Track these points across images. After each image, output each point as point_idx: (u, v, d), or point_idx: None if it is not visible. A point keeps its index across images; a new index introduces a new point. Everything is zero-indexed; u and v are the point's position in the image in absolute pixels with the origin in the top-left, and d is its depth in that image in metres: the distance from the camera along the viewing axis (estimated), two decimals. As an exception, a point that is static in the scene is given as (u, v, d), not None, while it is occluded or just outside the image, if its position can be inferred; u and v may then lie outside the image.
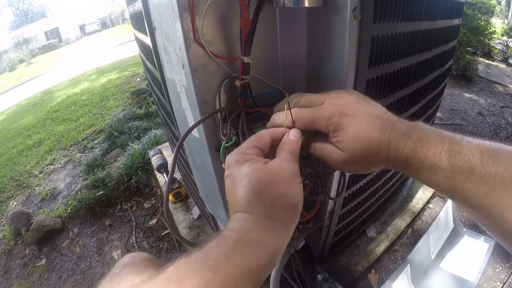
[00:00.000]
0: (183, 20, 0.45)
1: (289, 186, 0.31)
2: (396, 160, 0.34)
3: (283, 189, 0.30)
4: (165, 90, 0.71)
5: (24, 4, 29.85)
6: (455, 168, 0.30)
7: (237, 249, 0.25)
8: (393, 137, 0.34)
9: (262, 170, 0.31)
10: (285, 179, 0.31)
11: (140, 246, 1.71)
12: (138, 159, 2.21)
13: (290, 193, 0.31)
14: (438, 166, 0.31)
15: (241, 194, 0.30)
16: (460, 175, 0.29)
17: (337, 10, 0.48)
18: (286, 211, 0.30)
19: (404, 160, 0.34)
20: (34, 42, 25.42)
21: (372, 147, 0.34)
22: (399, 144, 0.34)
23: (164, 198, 0.43)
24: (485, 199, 0.28)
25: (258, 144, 0.35)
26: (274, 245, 0.28)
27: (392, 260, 1.28)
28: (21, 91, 9.30)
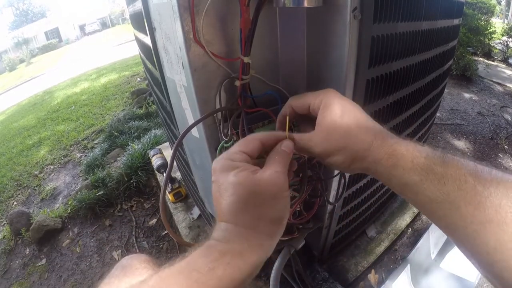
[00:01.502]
0: (183, 20, 0.45)
1: (276, 199, 0.30)
2: (383, 153, 0.32)
3: (270, 202, 0.30)
4: (165, 90, 0.71)
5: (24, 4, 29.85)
6: (448, 174, 0.28)
7: (221, 261, 0.25)
8: (383, 130, 0.34)
9: (249, 181, 0.29)
10: (273, 192, 0.30)
11: (140, 246, 1.71)
12: (138, 159, 2.20)
13: (277, 206, 0.30)
14: (430, 168, 0.29)
15: (226, 204, 0.29)
16: (453, 182, 0.28)
17: (337, 10, 0.48)
18: (272, 224, 0.30)
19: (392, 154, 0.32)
20: (34, 42, 25.42)
21: (353, 129, 0.34)
22: (389, 137, 0.33)
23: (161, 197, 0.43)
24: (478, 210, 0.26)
25: (246, 150, 0.33)
26: (257, 257, 0.28)
27: (392, 260, 1.28)
28: (21, 91, 9.30)
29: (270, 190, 0.30)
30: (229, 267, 0.25)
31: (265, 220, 0.29)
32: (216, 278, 0.24)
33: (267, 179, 0.30)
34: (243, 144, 0.34)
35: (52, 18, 28.63)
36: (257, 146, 0.34)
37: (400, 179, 0.31)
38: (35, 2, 30.85)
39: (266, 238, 0.29)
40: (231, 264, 0.25)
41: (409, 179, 0.30)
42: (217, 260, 0.25)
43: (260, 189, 0.29)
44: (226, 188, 0.30)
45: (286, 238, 0.75)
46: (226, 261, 0.25)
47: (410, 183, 0.30)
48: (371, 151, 0.33)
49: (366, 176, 0.91)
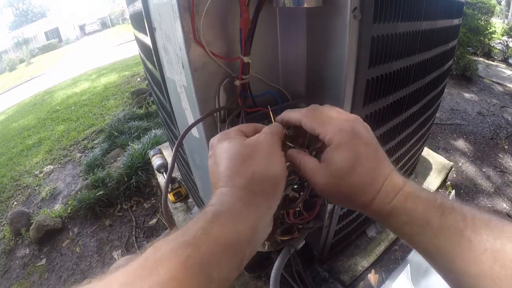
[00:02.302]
0: (183, 20, 0.45)
1: (269, 158, 0.31)
2: (381, 209, 0.32)
3: (263, 161, 0.30)
4: (165, 90, 0.72)
5: (24, 4, 29.86)
6: (444, 228, 0.27)
7: (215, 223, 0.24)
8: (386, 185, 0.32)
9: (241, 144, 0.31)
10: (265, 152, 0.31)
11: (140, 246, 1.71)
12: (138, 159, 2.21)
13: (270, 165, 0.30)
14: (427, 222, 0.28)
15: (222, 169, 0.30)
16: (449, 236, 0.27)
17: (337, 10, 0.48)
18: (266, 183, 0.30)
19: (389, 211, 0.31)
20: (34, 42, 25.43)
21: (360, 184, 0.32)
22: (390, 194, 0.31)
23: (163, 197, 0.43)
24: (472, 265, 0.25)
25: (242, 129, 0.35)
26: (253, 218, 0.27)
27: (392, 260, 1.28)
28: (21, 91, 9.30)
29: (261, 150, 0.31)
30: (224, 228, 0.24)
31: (258, 180, 0.29)
32: (210, 240, 0.23)
33: (257, 140, 0.32)
34: (240, 125, 0.36)
35: (52, 18, 28.63)
36: (252, 128, 0.36)
37: (396, 229, 0.32)
38: (35, 2, 30.87)
39: (263, 198, 0.29)
40: (225, 225, 0.24)
41: (405, 231, 0.31)
42: (211, 222, 0.24)
43: (251, 150, 0.30)
44: (220, 155, 0.31)
45: (286, 238, 0.75)
46: (220, 222, 0.25)
47: (406, 233, 0.30)
48: (371, 206, 0.32)
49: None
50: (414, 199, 0.30)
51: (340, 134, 0.32)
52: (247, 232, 0.26)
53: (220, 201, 0.27)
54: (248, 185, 0.29)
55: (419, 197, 0.30)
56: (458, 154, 2.12)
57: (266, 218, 0.29)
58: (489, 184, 1.77)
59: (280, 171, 0.31)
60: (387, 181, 0.32)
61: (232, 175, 0.29)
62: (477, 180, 1.80)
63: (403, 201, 0.31)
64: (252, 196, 0.28)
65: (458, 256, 0.26)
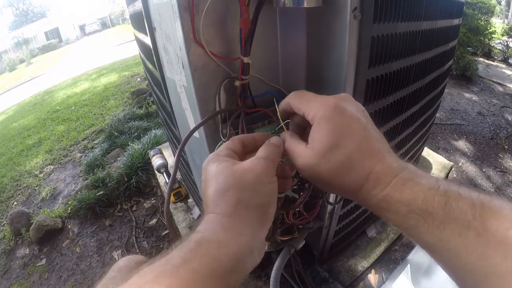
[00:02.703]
0: (183, 20, 0.45)
1: (257, 185, 0.29)
2: (373, 197, 0.29)
3: (250, 188, 0.28)
4: (165, 90, 0.71)
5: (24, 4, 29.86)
6: (449, 218, 0.25)
7: (197, 252, 0.24)
8: (378, 169, 0.29)
9: (229, 169, 0.29)
10: (253, 178, 0.29)
11: (140, 246, 1.71)
12: (138, 159, 2.21)
13: (258, 193, 0.29)
14: (429, 212, 0.25)
15: (209, 195, 0.29)
16: (454, 227, 0.24)
17: (337, 10, 0.48)
18: (252, 212, 0.28)
19: (383, 199, 0.28)
20: (34, 42, 25.43)
21: (344, 166, 0.29)
22: (383, 179, 0.28)
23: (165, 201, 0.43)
24: (480, 260, 0.23)
25: (231, 146, 0.34)
26: (236, 247, 0.26)
27: (392, 260, 1.28)
28: (21, 91, 9.30)
29: (249, 177, 0.29)
30: (205, 258, 0.24)
31: (245, 207, 0.28)
32: (191, 270, 0.22)
33: (246, 166, 0.30)
34: (229, 142, 0.34)
35: (52, 18, 28.63)
36: (238, 144, 0.34)
37: (394, 222, 0.28)
38: (35, 2, 30.88)
39: (247, 226, 0.28)
40: (206, 255, 0.24)
41: (403, 223, 0.27)
42: (193, 251, 0.24)
43: (239, 175, 0.29)
44: (209, 180, 0.30)
45: (286, 238, 0.75)
46: (201, 251, 0.24)
47: (404, 226, 0.28)
48: (360, 193, 0.29)
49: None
50: (413, 187, 0.27)
51: (322, 108, 0.31)
52: (230, 260, 0.25)
53: (205, 228, 0.27)
54: (232, 213, 0.27)
55: (419, 185, 0.27)
56: (458, 154, 2.12)
57: (252, 245, 0.27)
58: (489, 184, 1.77)
59: (268, 200, 0.29)
60: (379, 165, 0.29)
61: (217, 202, 0.28)
62: (477, 180, 1.80)
63: (400, 189, 0.27)
64: (235, 224, 0.27)
65: (464, 251, 0.23)
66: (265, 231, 0.29)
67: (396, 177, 0.28)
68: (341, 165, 0.29)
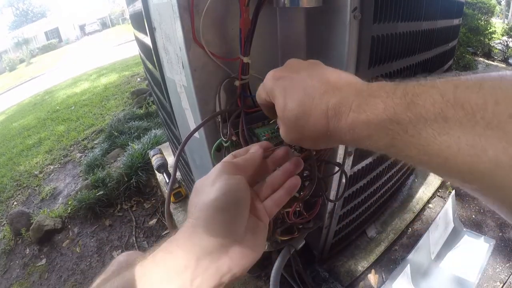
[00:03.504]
0: (183, 20, 0.45)
1: (211, 185, 0.31)
2: (343, 129, 0.27)
3: (206, 188, 0.31)
4: (165, 90, 0.71)
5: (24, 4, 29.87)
6: (418, 118, 0.21)
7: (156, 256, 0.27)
8: (335, 102, 0.27)
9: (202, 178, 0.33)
10: (211, 180, 0.31)
11: (140, 246, 1.71)
12: (138, 159, 2.21)
13: (210, 190, 0.30)
14: (394, 120, 0.22)
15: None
16: (428, 127, 0.20)
17: (337, 10, 0.48)
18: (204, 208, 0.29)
19: (352, 128, 0.26)
20: (34, 42, 25.43)
21: (303, 117, 0.30)
22: (343, 109, 0.27)
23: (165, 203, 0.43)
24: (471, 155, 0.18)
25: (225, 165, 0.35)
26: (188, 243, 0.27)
27: (392, 260, 1.28)
28: (21, 91, 9.30)
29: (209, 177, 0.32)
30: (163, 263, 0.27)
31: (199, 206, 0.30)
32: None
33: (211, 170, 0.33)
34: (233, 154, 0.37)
35: (52, 18, 28.63)
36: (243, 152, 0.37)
37: (375, 147, 0.26)
38: (35, 2, 30.87)
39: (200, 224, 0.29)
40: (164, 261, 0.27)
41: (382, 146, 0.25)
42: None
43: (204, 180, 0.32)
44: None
45: (286, 238, 0.75)
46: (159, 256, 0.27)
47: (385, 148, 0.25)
48: (333, 132, 0.28)
49: (366, 176, 0.91)
50: (372, 103, 0.24)
51: (265, 85, 0.34)
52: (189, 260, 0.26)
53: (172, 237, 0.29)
54: (192, 213, 0.29)
55: (377, 97, 0.24)
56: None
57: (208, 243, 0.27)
58: (489, 184, 1.77)
59: (217, 193, 0.29)
60: (334, 99, 0.28)
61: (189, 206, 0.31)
62: (477, 180, 1.81)
63: (361, 110, 0.25)
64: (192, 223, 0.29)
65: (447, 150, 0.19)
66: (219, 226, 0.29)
67: (354, 101, 0.26)
68: (298, 117, 0.30)
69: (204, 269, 0.26)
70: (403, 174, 1.31)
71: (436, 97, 0.20)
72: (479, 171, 0.18)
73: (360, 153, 0.77)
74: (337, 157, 0.68)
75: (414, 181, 1.59)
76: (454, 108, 0.19)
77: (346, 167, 0.74)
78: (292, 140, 0.34)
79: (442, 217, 1.33)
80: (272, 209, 0.35)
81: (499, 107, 0.17)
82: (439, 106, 0.20)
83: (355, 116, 0.26)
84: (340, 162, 0.68)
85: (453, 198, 1.42)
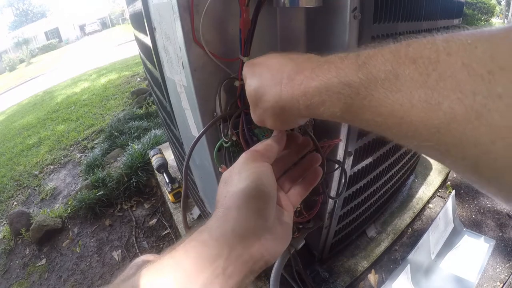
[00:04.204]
0: (183, 20, 0.45)
1: (240, 174, 0.31)
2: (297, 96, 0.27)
3: (234, 178, 0.31)
4: (165, 90, 0.71)
5: (24, 4, 29.87)
6: (369, 78, 0.20)
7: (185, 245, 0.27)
8: (289, 71, 0.28)
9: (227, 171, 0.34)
10: (237, 170, 0.32)
11: (140, 246, 1.71)
12: (138, 159, 2.21)
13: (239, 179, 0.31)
14: (345, 83, 0.22)
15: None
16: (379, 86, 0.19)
17: (337, 10, 0.48)
18: (235, 197, 0.30)
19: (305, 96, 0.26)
20: (34, 42, 25.43)
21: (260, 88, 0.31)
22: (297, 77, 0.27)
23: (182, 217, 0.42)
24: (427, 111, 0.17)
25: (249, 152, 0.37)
26: (220, 231, 0.27)
27: (392, 260, 1.28)
28: (21, 91, 9.31)
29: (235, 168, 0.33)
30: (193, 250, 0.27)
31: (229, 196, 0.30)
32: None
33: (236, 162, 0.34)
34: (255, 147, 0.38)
35: (52, 18, 28.63)
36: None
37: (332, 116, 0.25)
38: (35, 2, 30.87)
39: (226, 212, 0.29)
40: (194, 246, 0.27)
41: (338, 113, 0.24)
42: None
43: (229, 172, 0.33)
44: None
45: (286, 238, 0.75)
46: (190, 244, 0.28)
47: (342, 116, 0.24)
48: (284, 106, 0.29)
49: (366, 176, 0.91)
50: (324, 68, 0.24)
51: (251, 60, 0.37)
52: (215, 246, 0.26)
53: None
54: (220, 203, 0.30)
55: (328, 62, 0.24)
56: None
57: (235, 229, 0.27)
58: (489, 184, 1.77)
59: (246, 184, 0.29)
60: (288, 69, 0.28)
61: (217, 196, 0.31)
62: (477, 180, 1.81)
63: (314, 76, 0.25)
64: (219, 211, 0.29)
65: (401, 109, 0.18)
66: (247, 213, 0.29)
67: (309, 69, 0.26)
68: (256, 90, 0.32)
69: (237, 257, 0.26)
70: (403, 174, 1.31)
71: (388, 56, 0.20)
72: (434, 127, 0.17)
73: (360, 153, 0.77)
74: (337, 156, 0.68)
75: (414, 181, 1.59)
76: (406, 64, 0.18)
77: (346, 167, 0.74)
78: (258, 118, 0.35)
79: (442, 217, 1.33)
80: (296, 199, 0.36)
81: (451, 57, 0.16)
82: (390, 64, 0.19)
83: (308, 82, 0.26)
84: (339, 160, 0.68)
85: (453, 198, 1.42)
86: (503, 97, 0.14)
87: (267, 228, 0.29)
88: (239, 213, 0.28)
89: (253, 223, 0.28)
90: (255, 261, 0.27)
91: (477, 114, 0.15)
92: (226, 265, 0.25)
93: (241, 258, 0.26)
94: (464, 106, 0.15)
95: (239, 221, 0.27)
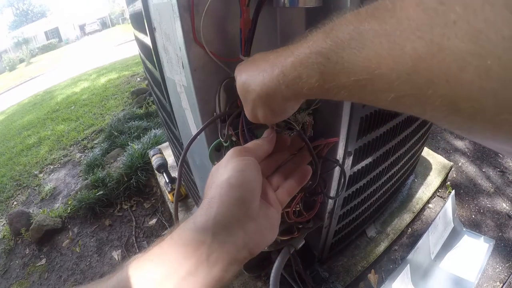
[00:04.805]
0: (183, 20, 0.45)
1: (224, 167, 0.33)
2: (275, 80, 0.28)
3: (220, 171, 0.33)
4: (165, 90, 0.71)
5: (24, 4, 29.86)
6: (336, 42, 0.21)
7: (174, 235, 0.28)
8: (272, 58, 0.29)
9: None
10: (223, 163, 0.34)
11: (140, 246, 1.71)
12: (138, 159, 2.21)
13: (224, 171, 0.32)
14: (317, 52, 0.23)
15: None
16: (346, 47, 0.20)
17: (337, 10, 0.48)
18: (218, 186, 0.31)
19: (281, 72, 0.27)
20: (34, 42, 25.43)
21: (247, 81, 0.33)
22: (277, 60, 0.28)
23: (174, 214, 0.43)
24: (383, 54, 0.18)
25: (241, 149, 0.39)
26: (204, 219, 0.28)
27: (392, 260, 1.28)
28: (21, 90, 9.31)
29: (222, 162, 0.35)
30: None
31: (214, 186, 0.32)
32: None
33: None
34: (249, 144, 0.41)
35: (52, 18, 28.62)
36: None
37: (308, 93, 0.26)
38: (35, 2, 30.86)
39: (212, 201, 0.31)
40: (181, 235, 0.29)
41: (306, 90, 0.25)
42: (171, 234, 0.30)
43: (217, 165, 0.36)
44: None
45: (286, 238, 0.75)
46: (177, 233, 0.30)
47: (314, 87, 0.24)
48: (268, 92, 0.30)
49: (366, 176, 0.91)
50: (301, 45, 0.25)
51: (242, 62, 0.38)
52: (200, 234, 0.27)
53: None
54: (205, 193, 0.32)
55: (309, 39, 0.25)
56: (458, 154, 2.12)
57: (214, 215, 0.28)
58: (489, 184, 1.77)
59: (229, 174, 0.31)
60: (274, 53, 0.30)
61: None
62: (477, 180, 1.80)
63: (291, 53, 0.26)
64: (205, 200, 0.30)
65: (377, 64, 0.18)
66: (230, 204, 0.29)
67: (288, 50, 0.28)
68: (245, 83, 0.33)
69: (220, 244, 0.27)
70: (403, 174, 1.31)
71: (350, 18, 0.21)
72: (404, 72, 0.17)
73: (360, 153, 0.77)
74: (337, 156, 0.68)
75: (414, 181, 1.59)
76: (367, 20, 0.19)
77: (346, 167, 0.74)
78: (250, 114, 0.35)
79: (441, 217, 1.33)
80: (283, 197, 0.37)
81: (405, 1, 0.17)
82: (352, 24, 0.20)
83: (285, 61, 0.27)
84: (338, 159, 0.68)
85: (453, 198, 1.42)
86: (457, 22, 0.14)
87: (250, 217, 0.30)
88: (221, 201, 0.29)
89: (236, 211, 0.29)
90: (239, 249, 0.28)
91: (439, 47, 0.15)
92: (210, 252, 0.26)
93: (224, 245, 0.27)
94: (425, 42, 0.15)
95: (222, 208, 0.28)
